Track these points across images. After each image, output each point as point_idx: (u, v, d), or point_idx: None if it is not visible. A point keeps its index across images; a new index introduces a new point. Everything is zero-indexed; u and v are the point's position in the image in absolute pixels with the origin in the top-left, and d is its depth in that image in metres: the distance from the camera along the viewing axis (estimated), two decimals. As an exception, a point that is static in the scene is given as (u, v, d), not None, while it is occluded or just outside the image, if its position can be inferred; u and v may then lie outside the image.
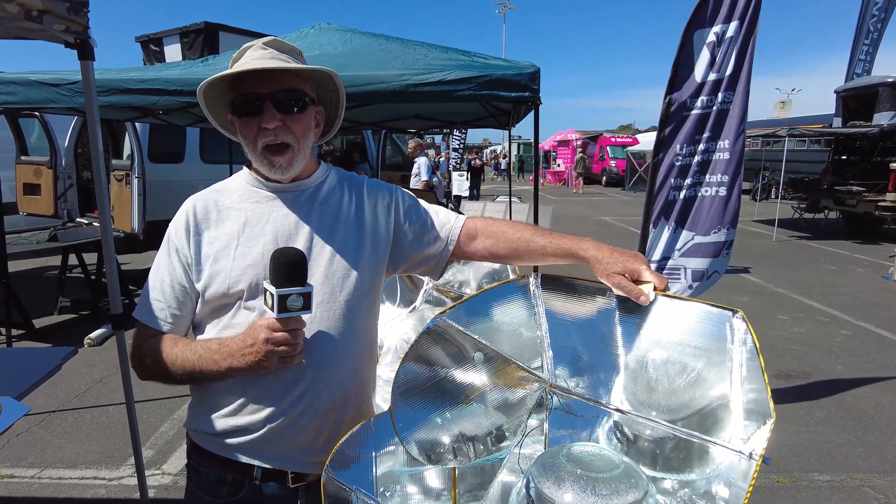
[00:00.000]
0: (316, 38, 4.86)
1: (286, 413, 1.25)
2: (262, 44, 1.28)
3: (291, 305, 1.10)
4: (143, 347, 1.27)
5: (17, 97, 3.84)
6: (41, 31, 1.95)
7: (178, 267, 1.26)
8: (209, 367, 1.19)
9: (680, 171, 3.59)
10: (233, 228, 1.27)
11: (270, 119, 1.21)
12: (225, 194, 1.33)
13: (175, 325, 1.28)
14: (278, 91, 1.22)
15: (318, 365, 1.26)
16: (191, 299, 1.28)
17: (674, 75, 3.54)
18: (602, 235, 12.54)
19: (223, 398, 1.26)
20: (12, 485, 3.21)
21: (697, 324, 1.24)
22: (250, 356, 1.15)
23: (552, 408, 1.51)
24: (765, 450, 0.99)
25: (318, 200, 1.35)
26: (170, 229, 1.29)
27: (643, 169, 23.96)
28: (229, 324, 1.25)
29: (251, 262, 1.24)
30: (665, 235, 3.66)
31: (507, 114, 6.06)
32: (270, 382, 1.23)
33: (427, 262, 1.49)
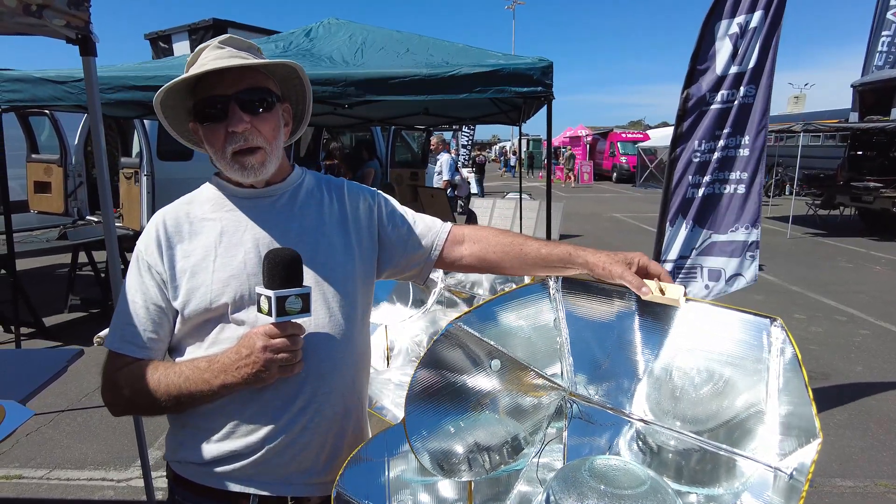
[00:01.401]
0: (325, 33, 4.81)
1: (286, 430, 1.16)
2: (218, 43, 1.19)
3: (290, 308, 1.03)
4: (117, 378, 1.14)
5: (24, 95, 3.82)
6: (41, 26, 1.89)
7: (152, 286, 1.16)
8: (199, 388, 1.09)
9: (698, 168, 3.48)
10: (208, 240, 1.18)
11: (238, 122, 1.12)
12: (196, 205, 1.23)
13: (152, 350, 1.17)
14: (242, 91, 1.14)
15: (318, 375, 1.18)
16: (168, 320, 1.17)
17: (692, 69, 3.43)
18: (614, 233, 12.44)
19: (212, 421, 1.16)
20: (21, 486, 3.19)
21: (730, 331, 1.17)
22: (247, 368, 1.06)
23: (571, 416, 1.45)
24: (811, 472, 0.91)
25: (297, 204, 1.26)
26: (138, 247, 1.19)
27: (654, 165, 23.76)
28: (216, 340, 1.15)
29: (233, 273, 1.15)
30: (682, 234, 3.56)
31: (518, 109, 5.99)
32: (269, 397, 1.14)
33: (411, 267, 1.42)
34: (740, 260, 3.62)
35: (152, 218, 1.22)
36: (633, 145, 27.08)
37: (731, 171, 3.47)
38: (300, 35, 4.87)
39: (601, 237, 11.76)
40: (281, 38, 4.98)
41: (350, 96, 3.88)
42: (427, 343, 2.38)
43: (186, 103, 1.21)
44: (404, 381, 2.19)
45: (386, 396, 2.19)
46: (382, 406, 2.19)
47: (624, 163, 27.70)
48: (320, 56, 4.24)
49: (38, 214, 7.24)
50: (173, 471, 1.24)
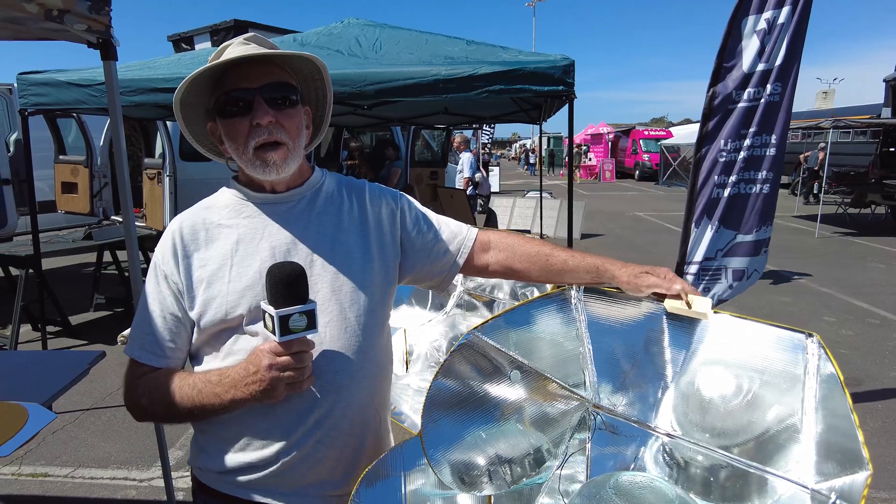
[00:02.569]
0: (344, 33, 4.80)
1: (300, 445, 1.14)
2: (244, 39, 1.18)
3: (294, 326, 0.99)
4: (137, 387, 1.15)
5: (49, 98, 3.88)
6: (63, 31, 1.90)
7: (169, 295, 1.15)
8: (211, 402, 1.08)
9: (724, 168, 3.40)
10: (225, 248, 1.16)
11: (263, 114, 1.10)
12: (213, 211, 1.21)
13: (170, 359, 1.16)
14: (268, 84, 1.12)
15: (333, 389, 1.16)
16: (185, 329, 1.16)
17: (718, 66, 3.34)
18: (637, 232, 12.27)
19: (229, 431, 1.16)
20: (47, 483, 3.24)
21: (762, 345, 1.12)
22: (254, 386, 1.04)
23: (595, 428, 1.41)
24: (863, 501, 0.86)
25: (315, 209, 1.23)
26: (156, 255, 1.18)
27: (678, 163, 23.42)
28: (231, 351, 1.14)
29: (248, 284, 1.13)
30: (708, 235, 3.48)
31: (539, 108, 5.92)
32: (281, 413, 1.13)
33: (435, 275, 1.39)
34: (759, 257, 3.57)
35: (170, 224, 1.20)
36: (656, 143, 26.73)
37: (758, 170, 3.39)
38: (320, 35, 4.87)
39: (624, 236, 11.61)
40: (300, 37, 4.99)
41: (369, 97, 3.86)
42: (447, 348, 2.35)
43: (206, 102, 1.19)
44: (423, 387, 2.17)
45: (405, 402, 2.17)
46: (401, 412, 2.16)
47: (646, 160, 27.36)
48: (339, 56, 4.23)
49: (65, 214, 7.38)
50: (196, 478, 1.25)
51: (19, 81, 4.14)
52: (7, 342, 4.96)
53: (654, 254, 9.67)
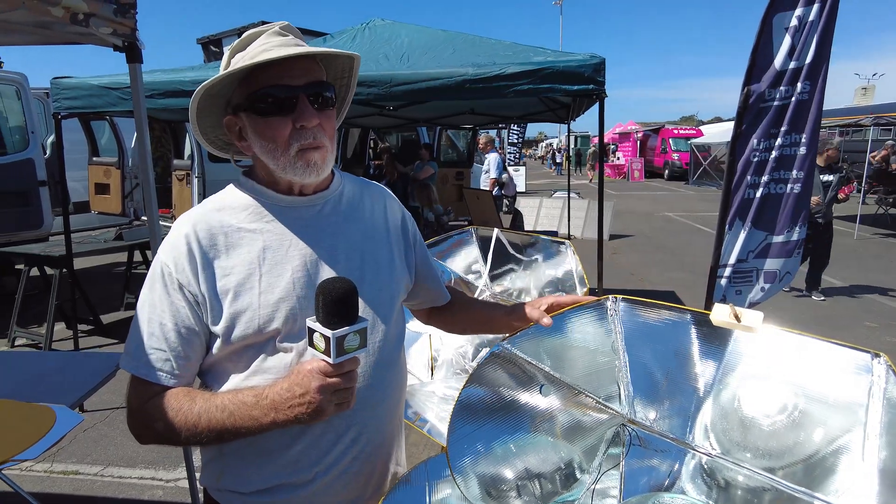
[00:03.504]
0: (370, 34, 4.78)
1: (338, 462, 1.11)
2: (280, 28, 1.10)
3: (349, 346, 0.93)
4: (148, 409, 1.03)
5: (80, 102, 3.95)
6: (89, 34, 1.90)
7: (184, 307, 1.04)
8: (245, 425, 0.99)
9: (756, 168, 3.31)
10: (250, 255, 1.06)
11: (310, 116, 1.03)
12: (229, 213, 1.10)
13: (184, 377, 1.06)
14: (312, 83, 1.05)
15: (369, 404, 1.12)
16: (201, 343, 1.06)
17: (752, 64, 3.25)
18: (667, 233, 12.03)
19: (259, 452, 1.08)
20: (77, 481, 3.28)
21: (820, 364, 1.05)
22: (301, 408, 0.96)
23: (630, 443, 1.35)
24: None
25: (341, 213, 1.17)
26: (164, 260, 1.05)
27: (708, 162, 22.96)
28: (259, 369, 1.06)
29: (282, 295, 1.05)
30: (741, 237, 3.39)
31: (567, 107, 5.83)
32: (319, 432, 1.08)
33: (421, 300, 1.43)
34: (792, 259, 3.45)
35: (178, 227, 1.08)
36: (686, 142, 26.26)
37: (789, 170, 3.30)
38: (346, 36, 4.86)
39: (653, 237, 11.39)
40: (327, 39, 4.98)
41: (396, 98, 3.83)
42: (472, 355, 2.30)
43: (228, 94, 1.11)
44: (448, 395, 2.12)
45: (430, 409, 2.12)
46: (426, 419, 2.11)
47: (676, 160, 26.90)
48: (365, 58, 4.21)
49: (98, 215, 7.53)
50: (213, 499, 1.17)
51: (53, 86, 4.23)
52: (42, 340, 5.07)
53: (685, 255, 9.46)
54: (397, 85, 3.69)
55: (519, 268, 2.51)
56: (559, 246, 2.38)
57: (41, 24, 2.02)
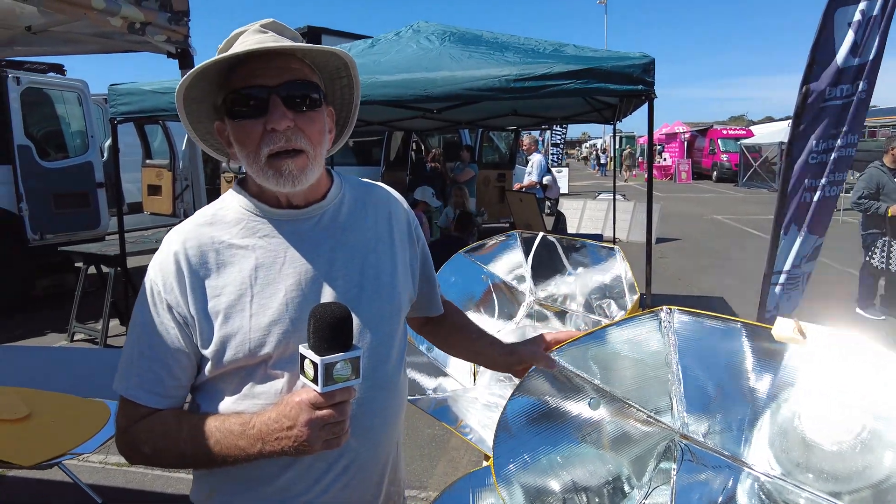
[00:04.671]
0: (414, 36, 4.80)
1: (328, 489, 1.05)
2: (260, 26, 1.02)
3: (339, 376, 0.87)
4: (135, 432, 0.99)
5: (135, 107, 4.09)
6: (144, 42, 1.97)
7: (173, 328, 0.98)
8: (231, 454, 0.94)
9: (815, 171, 3.16)
10: (241, 274, 1.00)
11: (280, 118, 0.94)
12: (220, 228, 1.02)
13: (174, 399, 1.01)
14: (287, 83, 0.96)
15: (363, 430, 1.06)
16: (191, 365, 1.01)
17: (811, 61, 3.09)
18: (715, 237, 11.67)
19: (248, 476, 1.03)
20: (129, 474, 3.39)
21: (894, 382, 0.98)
22: (287, 441, 0.90)
23: (682, 458, 1.30)
24: None
25: (339, 226, 1.08)
26: (153, 279, 1.00)
27: (759, 163, 22.22)
28: (250, 394, 1.00)
29: (273, 318, 0.99)
30: (797, 243, 3.25)
31: (613, 108, 5.72)
32: (311, 460, 1.02)
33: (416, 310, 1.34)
34: None
35: (167, 242, 1.02)
36: (735, 142, 25.48)
37: (843, 172, 3.19)
38: (390, 39, 4.89)
39: (700, 241, 11.08)
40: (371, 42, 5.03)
41: (437, 100, 3.83)
42: (516, 362, 2.27)
43: (214, 99, 1.03)
44: (491, 402, 2.10)
45: (472, 416, 2.10)
46: (468, 425, 2.10)
47: (725, 161, 26.13)
48: (408, 60, 4.23)
49: (150, 215, 7.82)
50: None
51: (110, 92, 4.41)
52: (98, 335, 5.29)
53: (734, 260, 9.16)
54: (440, 87, 3.68)
55: (565, 273, 2.46)
56: (608, 251, 2.32)
57: (101, 34, 2.11)
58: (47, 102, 6.92)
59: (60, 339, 5.71)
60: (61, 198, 6.65)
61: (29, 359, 2.89)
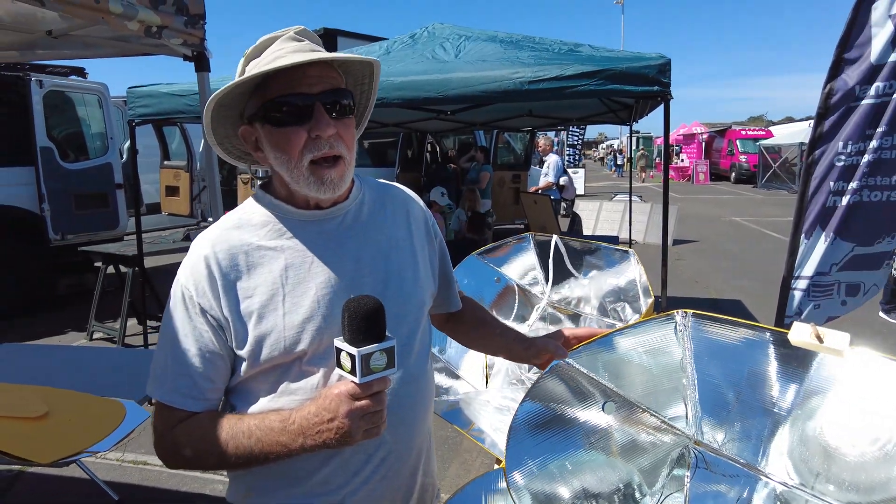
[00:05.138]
0: (429, 38, 4.80)
1: (367, 481, 1.08)
2: (295, 34, 1.05)
3: (375, 366, 0.90)
4: (175, 436, 1.01)
5: (152, 109, 4.15)
6: (161, 46, 2.00)
7: (207, 331, 1.01)
8: (273, 451, 0.96)
9: (842, 174, 3.03)
10: (272, 275, 1.02)
11: (326, 126, 0.98)
12: (248, 231, 1.05)
13: (210, 402, 1.04)
14: (328, 91, 1.00)
15: (398, 422, 1.08)
16: (225, 367, 1.03)
17: (838, 58, 2.96)
18: (733, 239, 11.54)
19: (287, 472, 1.05)
20: (145, 472, 3.43)
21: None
22: (329, 433, 0.92)
23: (696, 465, 1.27)
24: None
25: (362, 225, 1.12)
26: (184, 284, 1.03)
27: (778, 164, 21.92)
28: (287, 390, 1.03)
29: (307, 315, 1.01)
30: (821, 248, 3.12)
31: (629, 108, 5.68)
32: (350, 453, 1.05)
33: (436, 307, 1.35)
34: (881, 271, 3.16)
35: (196, 247, 1.05)
36: (754, 143, 25.16)
37: (887, 175, 2.97)
38: (404, 41, 4.90)
39: (718, 243, 10.95)
40: (385, 44, 5.04)
41: (451, 102, 3.82)
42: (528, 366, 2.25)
43: (242, 106, 1.06)
44: (504, 405, 2.09)
45: (484, 419, 2.09)
46: (480, 429, 2.09)
47: (744, 162, 25.82)
48: (423, 62, 4.23)
49: (168, 216, 7.92)
50: None
51: (129, 94, 4.48)
52: (116, 334, 5.36)
53: (753, 263, 9.03)
54: (454, 89, 3.68)
55: (579, 276, 2.45)
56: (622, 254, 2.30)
57: (119, 38, 2.14)
58: (69, 105, 7.04)
59: (80, 337, 5.80)
60: (81, 198, 6.75)
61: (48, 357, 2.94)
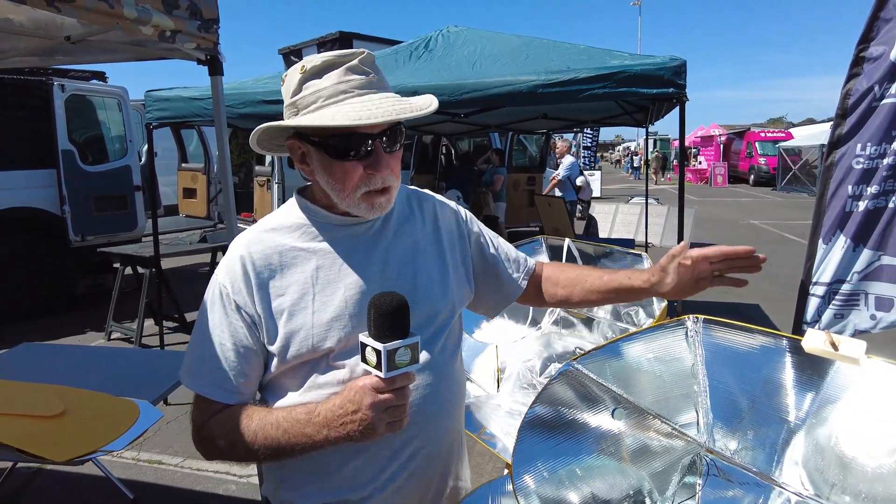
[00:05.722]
0: (444, 42, 4.80)
1: (395, 478, 1.10)
2: (359, 62, 1.04)
3: (400, 361, 0.93)
4: (210, 427, 1.07)
5: (169, 112, 4.21)
6: (175, 50, 2.02)
7: (241, 327, 1.06)
8: (299, 442, 1.00)
9: (861, 177, 2.95)
10: (303, 275, 1.07)
11: (384, 167, 1.03)
12: (282, 233, 1.11)
13: (244, 395, 1.09)
14: (388, 130, 1.03)
15: (425, 419, 1.11)
16: (259, 362, 1.09)
17: (857, 57, 2.89)
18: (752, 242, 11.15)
19: (317, 466, 1.09)
20: (160, 471, 3.47)
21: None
22: (353, 425, 0.96)
23: (707, 472, 1.26)
24: None
25: (391, 229, 1.16)
26: (221, 281, 1.08)
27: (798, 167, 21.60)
28: (314, 384, 1.08)
29: (334, 315, 1.06)
30: (839, 253, 3.03)
31: (645, 110, 5.63)
32: (377, 448, 1.08)
33: (485, 302, 1.36)
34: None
35: (234, 248, 1.10)
36: (774, 145, 24.82)
37: None
38: (419, 45, 4.91)
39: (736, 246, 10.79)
40: (401, 48, 5.05)
41: (465, 105, 3.82)
42: (540, 369, 2.24)
43: None
44: (515, 409, 2.08)
45: (495, 423, 2.08)
46: (491, 433, 2.08)
47: (763, 164, 25.48)
48: (438, 65, 4.24)
49: (186, 217, 8.01)
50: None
51: (147, 98, 4.55)
52: (134, 335, 5.43)
53: (772, 266, 8.87)
54: (467, 92, 3.68)
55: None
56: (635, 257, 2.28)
57: (135, 42, 2.17)
58: (89, 108, 7.15)
59: (99, 337, 5.88)
60: (101, 200, 6.86)
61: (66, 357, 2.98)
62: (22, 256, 6.39)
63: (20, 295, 6.38)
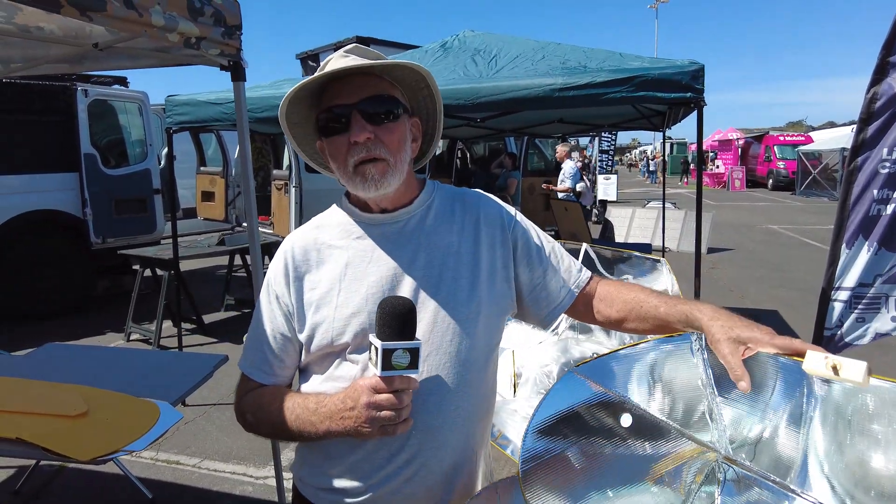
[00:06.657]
0: (460, 46, 4.82)
1: (389, 480, 1.11)
2: (344, 51, 1.12)
3: (397, 363, 0.95)
4: (244, 403, 1.18)
5: (189, 117, 4.26)
6: (199, 56, 2.05)
7: (279, 315, 1.16)
8: (305, 429, 1.07)
9: (886, 181, 2.92)
10: (334, 271, 1.13)
11: (360, 131, 1.04)
12: (324, 230, 1.19)
13: (278, 377, 1.18)
14: (365, 99, 1.07)
15: (426, 429, 1.10)
16: (294, 349, 1.17)
17: (882, 61, 2.85)
18: (770, 247, 11.25)
19: (328, 453, 1.15)
20: (178, 471, 3.51)
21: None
22: (349, 421, 1.01)
23: (725, 480, 1.24)
24: None
25: (424, 231, 1.16)
26: (269, 274, 1.19)
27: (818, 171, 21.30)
28: (332, 376, 1.13)
29: (354, 310, 1.09)
30: (864, 258, 3.00)
31: (661, 115, 5.60)
32: (372, 448, 1.10)
33: (540, 313, 1.27)
34: None
35: (283, 244, 1.20)
36: (793, 149, 24.52)
37: None
38: (436, 49, 4.93)
39: (755, 251, 10.68)
40: (417, 52, 5.07)
41: (481, 109, 3.82)
42: (557, 375, 2.23)
43: (311, 121, 1.17)
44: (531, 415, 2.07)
45: (512, 428, 2.08)
46: (507, 437, 2.08)
47: (782, 168, 25.17)
48: (454, 70, 4.25)
49: (204, 220, 8.10)
50: (296, 485, 1.25)
51: (167, 102, 4.62)
52: (152, 336, 5.50)
53: (791, 271, 8.79)
54: (484, 97, 3.68)
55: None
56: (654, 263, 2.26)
57: (160, 49, 2.21)
58: (111, 113, 7.27)
59: (118, 338, 5.97)
60: (121, 203, 6.97)
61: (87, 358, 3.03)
62: (44, 258, 6.51)
63: (42, 296, 6.50)
